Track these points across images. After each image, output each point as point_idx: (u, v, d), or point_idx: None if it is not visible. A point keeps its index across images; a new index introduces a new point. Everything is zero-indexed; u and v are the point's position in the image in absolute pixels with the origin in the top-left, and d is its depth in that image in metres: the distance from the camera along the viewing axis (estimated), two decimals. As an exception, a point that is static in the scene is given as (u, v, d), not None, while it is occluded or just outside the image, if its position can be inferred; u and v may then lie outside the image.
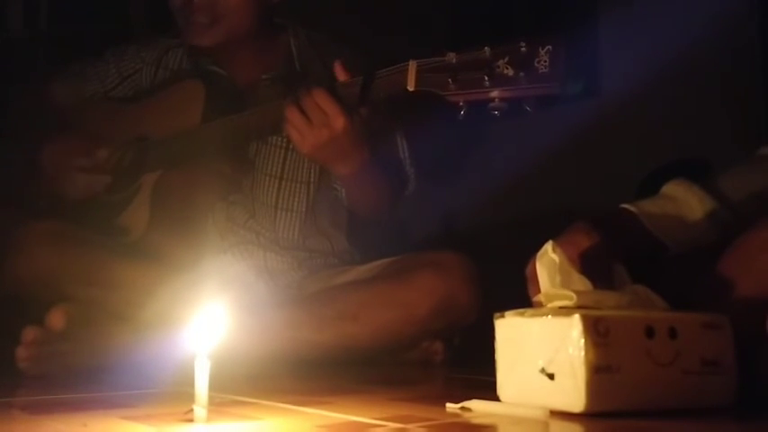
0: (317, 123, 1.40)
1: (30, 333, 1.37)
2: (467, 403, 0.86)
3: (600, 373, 0.79)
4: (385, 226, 1.87)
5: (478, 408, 0.85)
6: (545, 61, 1.15)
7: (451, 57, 1.25)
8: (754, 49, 2.21)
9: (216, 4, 1.60)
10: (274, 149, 1.69)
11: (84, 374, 1.35)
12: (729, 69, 2.23)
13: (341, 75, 1.42)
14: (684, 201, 1.07)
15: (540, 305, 0.91)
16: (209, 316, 0.83)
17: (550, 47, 1.15)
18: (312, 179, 1.71)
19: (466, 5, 2.81)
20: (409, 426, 0.77)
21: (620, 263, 0.97)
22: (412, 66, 1.30)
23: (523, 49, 1.17)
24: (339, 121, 1.39)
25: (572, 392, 0.79)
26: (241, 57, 1.70)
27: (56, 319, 1.39)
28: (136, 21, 2.44)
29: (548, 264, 0.91)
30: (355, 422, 0.81)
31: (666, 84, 2.29)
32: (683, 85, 2.29)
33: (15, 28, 2.35)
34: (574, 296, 0.85)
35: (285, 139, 1.68)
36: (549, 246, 0.92)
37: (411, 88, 1.30)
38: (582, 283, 0.89)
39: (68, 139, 1.69)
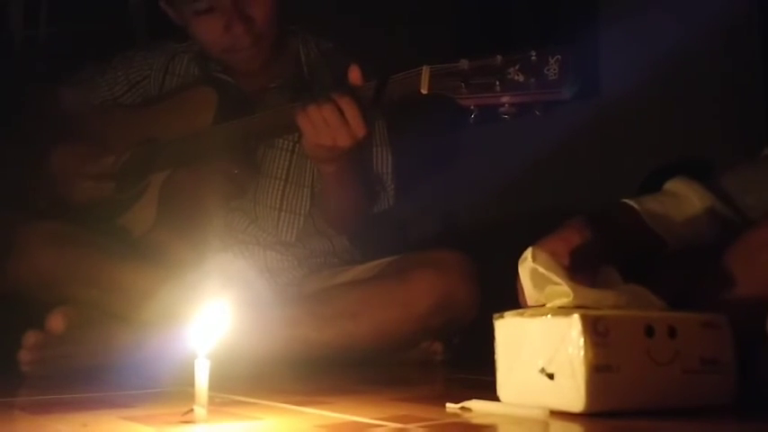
0: (333, 126, 1.40)
1: (31, 337, 1.38)
2: (466, 403, 0.86)
3: (599, 372, 0.79)
4: (385, 226, 1.87)
5: (478, 408, 0.86)
6: (554, 69, 1.18)
7: (464, 63, 1.28)
8: (754, 49, 2.21)
9: (255, 29, 1.62)
10: (280, 152, 1.70)
11: (84, 374, 1.36)
12: (729, 69, 2.23)
13: (356, 79, 1.42)
14: (686, 197, 1.07)
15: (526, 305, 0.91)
16: (210, 315, 0.83)
17: (560, 56, 1.18)
18: (313, 181, 1.71)
19: (469, 11, 2.81)
20: (409, 426, 0.77)
21: (612, 265, 0.97)
22: (425, 70, 1.33)
23: (534, 57, 1.21)
24: (361, 132, 1.40)
25: (572, 392, 0.79)
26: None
27: (56, 322, 1.40)
28: (137, 23, 2.44)
29: (528, 271, 0.91)
30: (355, 422, 0.81)
31: (666, 84, 2.29)
32: (682, 85, 2.30)
33: (16, 28, 2.35)
34: (571, 293, 0.85)
35: (291, 142, 1.69)
36: (528, 252, 0.92)
37: (425, 91, 1.33)
38: (561, 290, 0.88)
39: (77, 145, 1.69)
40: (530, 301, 0.91)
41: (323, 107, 1.40)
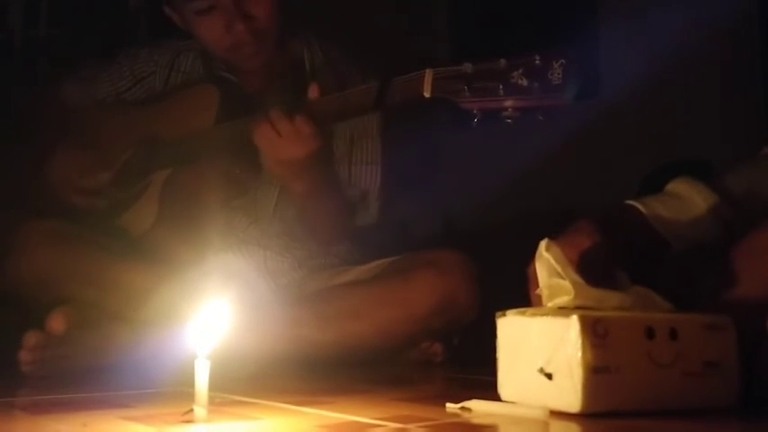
0: (288, 138, 1.42)
1: (31, 338, 1.37)
2: (467, 403, 0.86)
3: (597, 373, 0.79)
4: (385, 226, 1.87)
5: (478, 407, 0.86)
6: (558, 74, 1.18)
7: (467, 67, 1.28)
8: (754, 49, 2.21)
9: (257, 27, 1.61)
10: None
11: (84, 375, 1.36)
12: (729, 69, 2.24)
13: (314, 93, 1.44)
14: (688, 198, 1.07)
15: (538, 299, 0.91)
16: (210, 315, 0.83)
17: (564, 60, 1.18)
18: None
19: (467, 13, 2.81)
20: (409, 426, 0.77)
21: (622, 268, 0.96)
22: (428, 73, 1.32)
23: (538, 61, 1.20)
24: (315, 141, 1.42)
25: (569, 393, 0.79)
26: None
27: (56, 323, 1.39)
28: (137, 23, 2.44)
29: (545, 263, 0.91)
30: (355, 422, 0.82)
31: (666, 84, 2.29)
32: (682, 85, 2.30)
33: (16, 28, 2.35)
34: (572, 291, 0.85)
35: None
36: (542, 244, 0.92)
37: (427, 95, 1.32)
38: (563, 287, 0.88)
39: (77, 154, 1.68)
40: (546, 291, 0.91)
41: (276, 122, 1.41)
